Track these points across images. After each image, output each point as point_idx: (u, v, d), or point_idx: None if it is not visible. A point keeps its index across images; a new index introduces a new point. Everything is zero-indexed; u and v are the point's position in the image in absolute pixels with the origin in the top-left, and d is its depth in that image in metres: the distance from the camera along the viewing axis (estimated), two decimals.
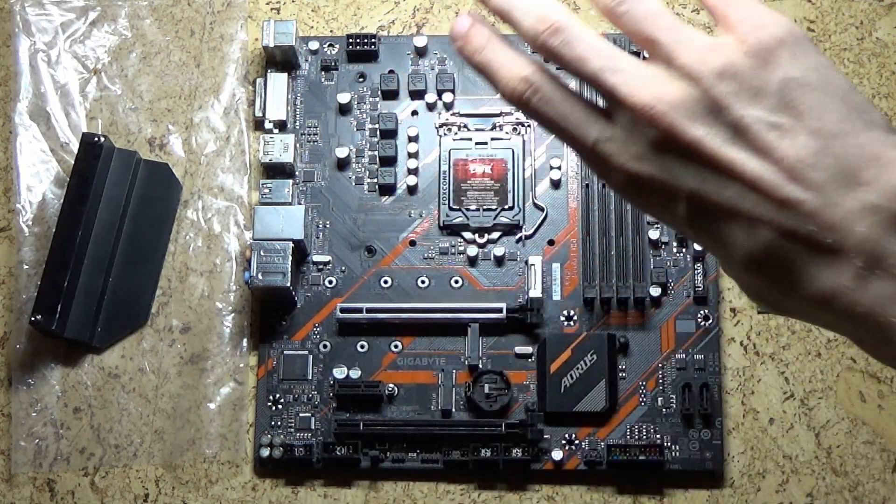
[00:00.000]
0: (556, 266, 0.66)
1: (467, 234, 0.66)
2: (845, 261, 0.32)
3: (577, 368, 0.63)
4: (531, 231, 0.66)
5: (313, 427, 0.64)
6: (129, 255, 0.66)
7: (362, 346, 0.65)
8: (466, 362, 0.64)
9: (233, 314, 0.66)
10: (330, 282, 0.66)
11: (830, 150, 0.33)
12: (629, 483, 0.63)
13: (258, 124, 0.68)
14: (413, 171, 0.67)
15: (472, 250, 0.66)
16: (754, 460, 0.63)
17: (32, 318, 0.62)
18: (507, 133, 0.67)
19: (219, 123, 0.69)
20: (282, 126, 0.67)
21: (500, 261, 0.66)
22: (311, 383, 0.65)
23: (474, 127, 0.68)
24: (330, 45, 0.69)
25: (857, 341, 0.34)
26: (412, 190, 0.67)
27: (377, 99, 0.68)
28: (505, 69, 0.38)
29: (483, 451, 0.62)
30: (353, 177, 0.67)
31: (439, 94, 0.68)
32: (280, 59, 0.68)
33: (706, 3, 0.36)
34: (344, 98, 0.68)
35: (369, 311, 0.65)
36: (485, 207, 0.66)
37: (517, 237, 0.66)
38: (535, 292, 0.64)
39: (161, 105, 0.69)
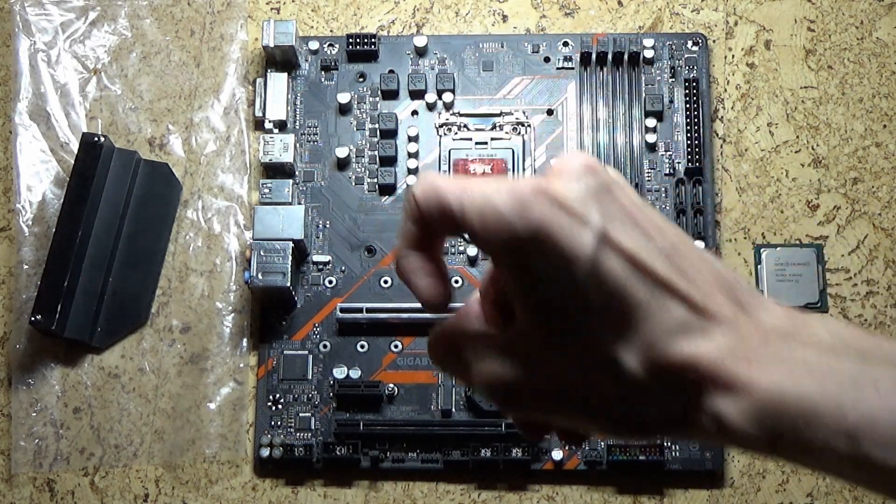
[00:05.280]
0: None
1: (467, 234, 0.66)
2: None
3: None
4: None
5: (313, 427, 0.64)
6: (129, 255, 0.66)
7: (362, 346, 0.65)
8: None
9: (233, 314, 0.66)
10: (330, 282, 0.66)
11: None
12: (629, 483, 0.63)
13: (258, 124, 0.68)
14: (413, 171, 0.67)
15: (472, 250, 0.66)
16: (754, 460, 0.63)
17: (32, 318, 0.62)
18: (507, 133, 0.67)
19: (219, 123, 0.69)
20: (282, 126, 0.67)
21: None
22: (311, 383, 0.65)
23: (474, 127, 0.68)
24: (330, 45, 0.69)
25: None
26: None
27: (377, 99, 0.68)
28: None
29: (483, 451, 0.62)
30: (353, 177, 0.67)
31: (439, 94, 0.68)
32: (280, 59, 0.68)
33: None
34: (344, 98, 0.68)
35: (369, 311, 0.65)
36: None
37: None
38: None
39: (161, 105, 0.69)
